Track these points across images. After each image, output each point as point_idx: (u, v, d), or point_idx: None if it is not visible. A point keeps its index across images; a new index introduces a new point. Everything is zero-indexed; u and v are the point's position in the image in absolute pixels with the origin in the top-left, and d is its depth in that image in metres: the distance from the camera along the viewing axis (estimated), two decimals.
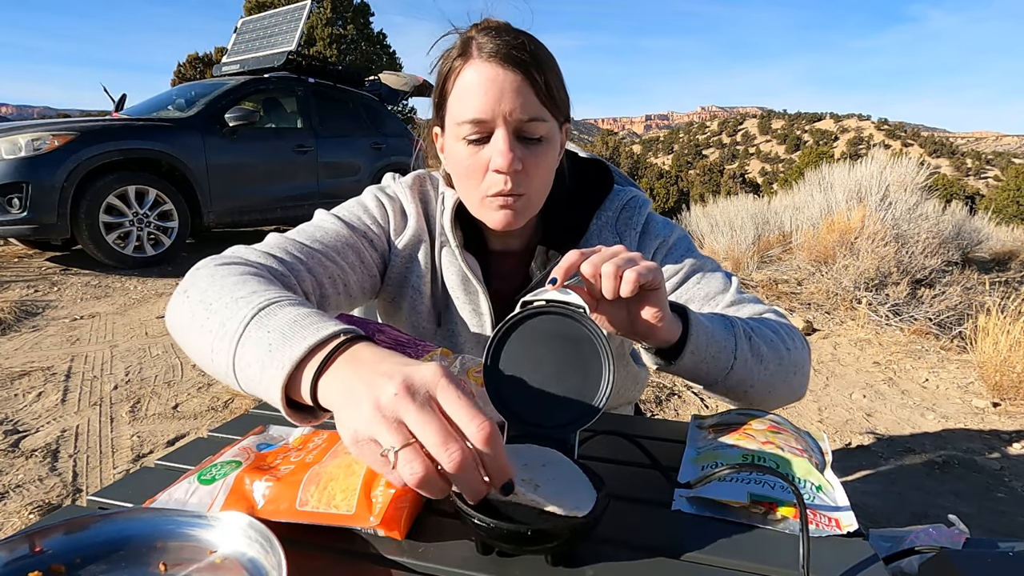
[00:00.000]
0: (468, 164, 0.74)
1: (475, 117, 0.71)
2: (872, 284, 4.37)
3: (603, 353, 0.61)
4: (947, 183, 29.23)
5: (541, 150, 0.74)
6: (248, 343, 0.53)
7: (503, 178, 0.72)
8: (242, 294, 0.58)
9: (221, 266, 0.65)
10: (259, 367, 0.51)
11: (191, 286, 0.63)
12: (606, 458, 0.69)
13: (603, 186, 0.89)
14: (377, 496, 0.50)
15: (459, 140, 0.74)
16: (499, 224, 0.77)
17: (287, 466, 0.56)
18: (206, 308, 0.59)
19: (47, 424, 2.16)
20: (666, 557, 0.50)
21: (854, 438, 2.50)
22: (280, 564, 0.43)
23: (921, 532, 1.06)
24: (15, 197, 3.68)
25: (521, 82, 0.70)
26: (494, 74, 0.70)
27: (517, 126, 0.72)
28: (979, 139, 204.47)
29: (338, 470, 0.53)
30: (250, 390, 0.54)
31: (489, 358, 0.62)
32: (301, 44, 5.61)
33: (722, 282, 0.85)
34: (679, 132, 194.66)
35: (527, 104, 0.71)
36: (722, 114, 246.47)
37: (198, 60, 20.91)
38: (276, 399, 0.50)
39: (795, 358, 0.77)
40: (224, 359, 0.55)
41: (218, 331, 0.56)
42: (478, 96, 0.70)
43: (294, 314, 0.53)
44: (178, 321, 0.63)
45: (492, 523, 0.45)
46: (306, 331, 0.51)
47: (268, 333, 0.52)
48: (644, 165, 27.18)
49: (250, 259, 0.70)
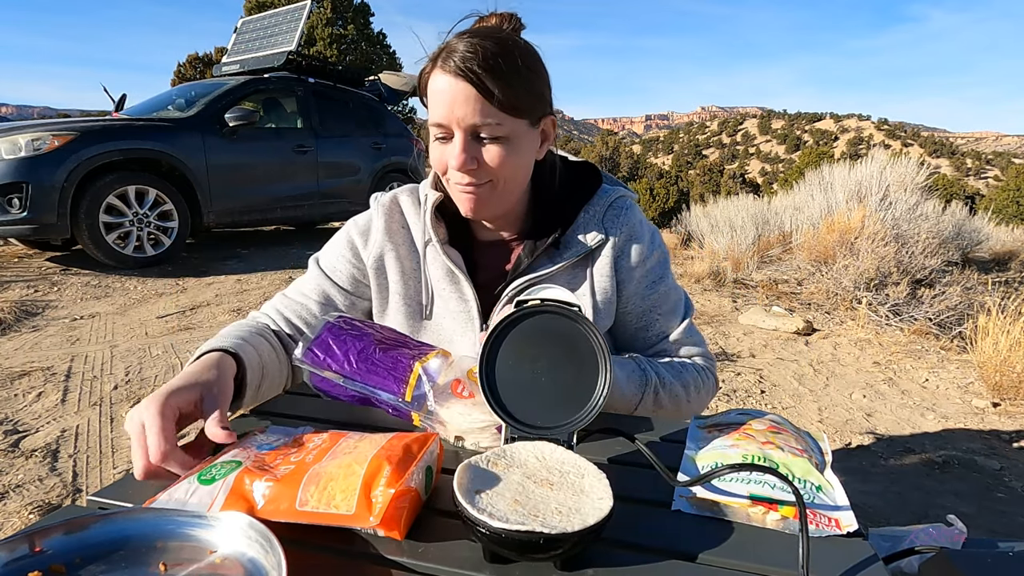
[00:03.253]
0: (436, 158, 0.84)
1: (436, 121, 0.81)
2: (872, 284, 4.37)
3: (599, 352, 0.61)
4: (947, 183, 29.22)
5: (501, 147, 0.81)
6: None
7: (460, 174, 0.82)
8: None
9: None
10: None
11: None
12: (606, 458, 0.69)
13: (592, 184, 0.95)
14: (377, 496, 0.50)
15: (433, 139, 0.84)
16: (466, 211, 0.86)
17: (287, 466, 0.56)
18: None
19: (47, 424, 2.16)
20: (666, 557, 0.50)
21: (854, 438, 2.50)
22: (280, 564, 0.43)
23: (921, 532, 1.06)
24: (15, 197, 3.68)
25: (472, 93, 0.77)
26: (447, 85, 0.78)
27: (472, 129, 0.79)
28: (979, 139, 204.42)
29: (338, 470, 0.53)
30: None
31: (484, 359, 0.62)
32: (301, 44, 5.61)
33: (675, 320, 0.96)
34: (679, 132, 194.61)
35: (481, 111, 0.78)
36: (722, 114, 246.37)
37: (198, 60, 20.90)
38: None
39: (690, 407, 0.92)
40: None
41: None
42: (437, 104, 0.80)
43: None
44: None
45: (502, 530, 0.44)
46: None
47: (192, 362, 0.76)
48: (644, 165, 27.18)
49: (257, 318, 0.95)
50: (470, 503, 0.47)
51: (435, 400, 0.70)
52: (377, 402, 0.76)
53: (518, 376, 0.62)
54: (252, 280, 4.22)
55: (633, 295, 0.93)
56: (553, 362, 0.62)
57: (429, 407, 0.71)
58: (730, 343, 3.62)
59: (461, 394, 0.70)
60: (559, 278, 0.90)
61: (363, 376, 0.75)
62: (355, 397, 0.78)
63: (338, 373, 0.76)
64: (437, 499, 0.58)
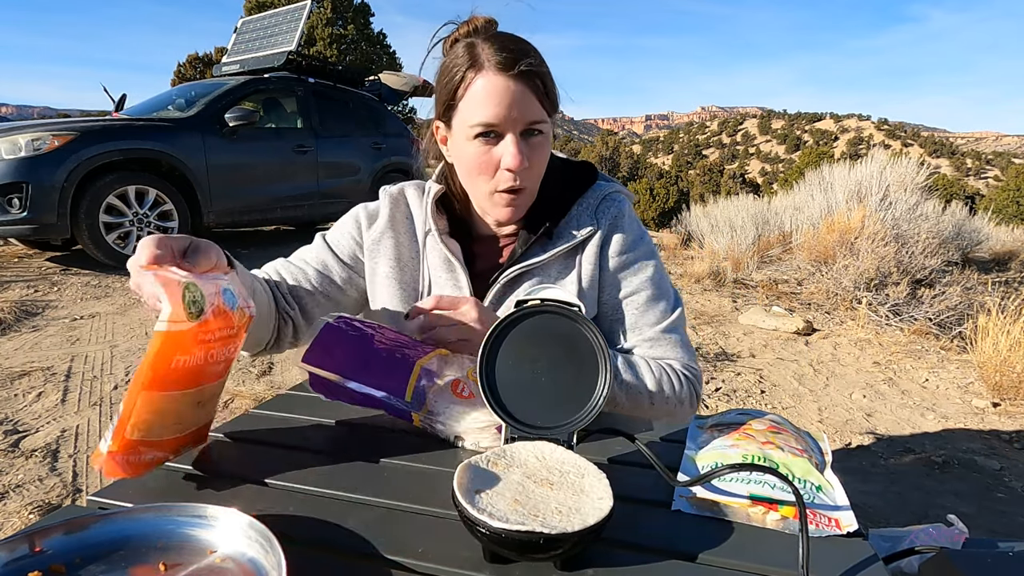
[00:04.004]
0: (480, 161, 0.83)
1: (488, 122, 0.80)
2: (872, 284, 4.37)
3: (599, 352, 0.61)
4: (947, 183, 29.21)
5: (541, 146, 0.84)
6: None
7: (512, 175, 0.82)
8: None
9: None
10: None
11: None
12: (606, 458, 0.69)
13: (588, 180, 0.98)
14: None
15: (471, 140, 0.82)
16: (504, 218, 0.88)
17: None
18: None
19: (47, 424, 2.16)
20: (666, 557, 0.50)
21: (854, 438, 2.50)
22: (280, 564, 0.43)
23: (921, 532, 1.06)
24: (15, 197, 3.68)
25: (527, 91, 0.79)
26: (504, 86, 0.79)
27: (524, 128, 0.81)
28: (979, 139, 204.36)
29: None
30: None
31: (484, 359, 0.62)
32: (301, 44, 5.60)
33: (653, 317, 0.93)
34: (679, 132, 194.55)
35: (532, 109, 0.80)
36: (722, 114, 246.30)
37: (198, 60, 20.90)
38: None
39: (654, 411, 0.88)
40: None
41: None
42: (490, 105, 0.79)
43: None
44: None
45: (502, 530, 0.44)
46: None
47: None
48: (644, 165, 27.17)
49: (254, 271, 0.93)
50: (470, 503, 0.47)
51: (435, 400, 0.70)
52: (377, 402, 0.76)
53: (518, 376, 0.62)
54: None
55: (609, 284, 0.93)
56: (553, 362, 0.62)
57: (429, 407, 0.71)
58: (730, 343, 3.62)
59: (461, 394, 0.70)
60: (551, 267, 0.92)
61: (362, 376, 0.75)
62: (355, 398, 0.78)
63: (337, 374, 0.76)
64: (437, 499, 0.58)
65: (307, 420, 0.78)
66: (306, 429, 0.76)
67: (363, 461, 0.67)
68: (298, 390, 0.89)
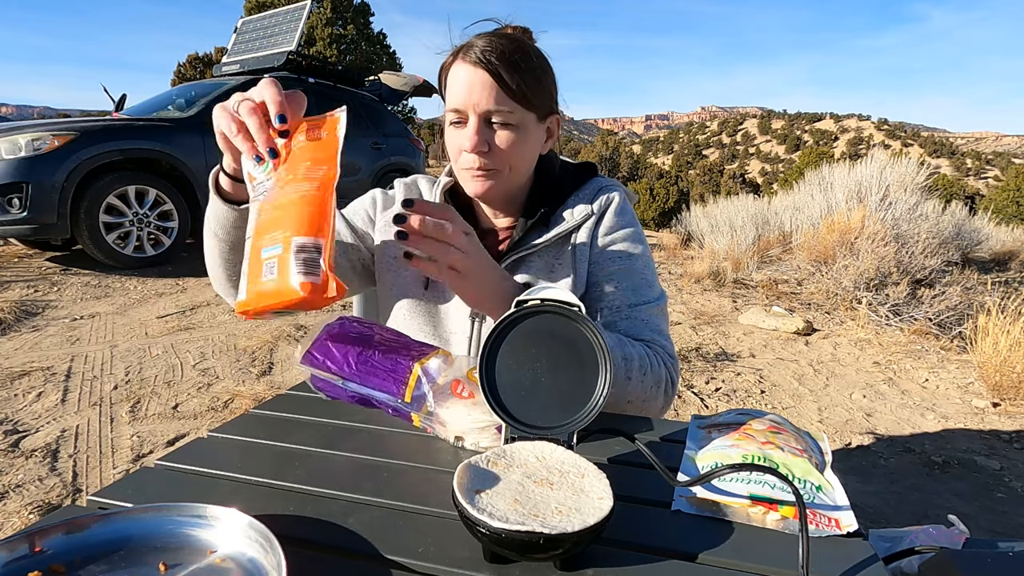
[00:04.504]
0: (451, 142, 0.91)
1: (453, 107, 0.87)
2: (872, 284, 4.37)
3: (600, 352, 0.61)
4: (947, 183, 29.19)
5: (510, 134, 0.88)
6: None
7: (472, 157, 0.88)
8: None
9: None
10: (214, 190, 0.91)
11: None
12: (606, 458, 0.69)
13: (588, 176, 1.03)
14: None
15: (448, 124, 0.90)
16: (473, 192, 0.92)
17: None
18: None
19: (47, 424, 2.16)
20: (666, 557, 0.50)
21: (854, 438, 2.50)
22: (280, 564, 0.43)
23: (921, 532, 1.06)
24: (15, 197, 3.68)
25: (489, 81, 0.85)
26: (468, 73, 0.85)
27: (485, 115, 0.86)
28: (979, 139, 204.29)
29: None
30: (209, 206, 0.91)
31: (484, 359, 0.62)
32: (301, 44, 5.60)
33: (634, 298, 0.93)
34: (679, 132, 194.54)
35: (495, 98, 0.85)
36: (722, 114, 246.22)
37: (198, 60, 20.91)
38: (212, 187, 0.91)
39: (629, 386, 0.84)
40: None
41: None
42: (456, 91, 0.87)
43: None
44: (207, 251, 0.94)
45: (502, 530, 0.44)
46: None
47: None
48: (644, 165, 27.17)
49: None
50: (470, 503, 0.47)
51: (435, 400, 0.71)
52: (377, 403, 0.76)
53: (518, 376, 0.62)
54: None
55: (594, 262, 0.95)
56: (553, 362, 0.62)
57: (429, 407, 0.71)
58: (730, 343, 3.62)
59: (461, 394, 0.70)
60: (547, 252, 0.96)
61: (363, 377, 0.75)
62: (355, 398, 0.78)
63: (338, 375, 0.76)
64: (437, 499, 0.58)
65: (307, 420, 0.78)
66: (306, 429, 0.76)
67: (363, 461, 0.67)
68: (298, 390, 0.89)
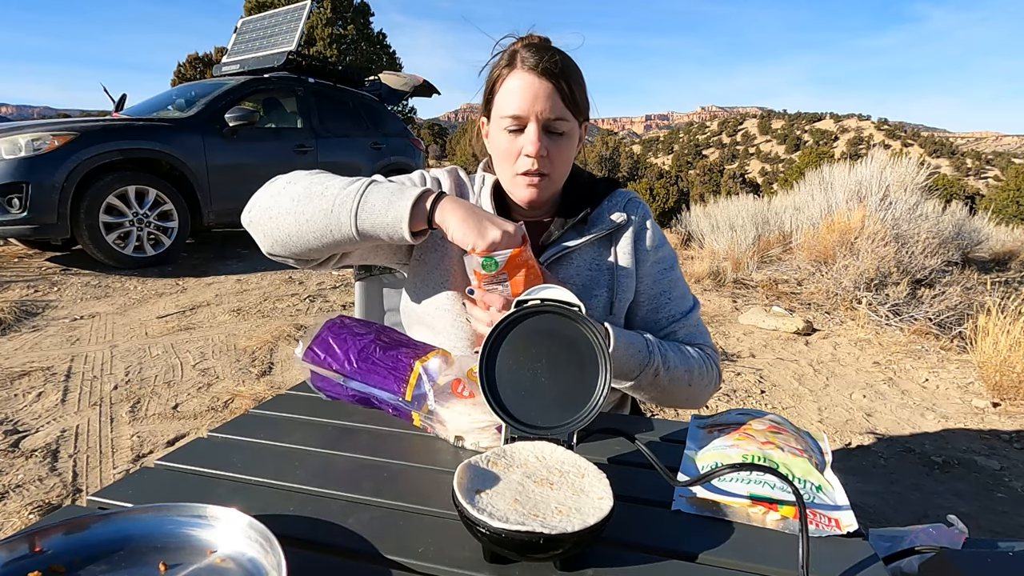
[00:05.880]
0: (506, 148, 0.94)
1: (514, 113, 0.90)
2: (872, 284, 4.37)
3: (600, 352, 0.61)
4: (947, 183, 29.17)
5: (563, 142, 0.93)
6: (372, 195, 0.82)
7: (531, 160, 0.91)
8: (344, 179, 0.87)
9: (307, 172, 0.92)
10: (385, 204, 0.80)
11: (291, 180, 0.90)
12: (606, 458, 0.69)
13: (613, 185, 1.09)
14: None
15: (501, 130, 0.93)
16: (525, 198, 0.96)
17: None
18: (320, 184, 0.86)
19: (47, 424, 2.16)
20: (666, 557, 0.50)
21: (854, 438, 2.50)
22: (280, 564, 0.43)
23: (921, 532, 1.06)
24: (15, 197, 3.68)
25: (551, 90, 0.90)
26: (531, 81, 0.90)
27: (545, 123, 0.91)
28: (979, 139, 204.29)
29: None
30: (368, 222, 0.81)
31: (484, 359, 0.62)
32: (301, 44, 5.60)
33: (683, 308, 1.03)
34: (679, 132, 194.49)
35: (554, 107, 0.90)
36: (722, 114, 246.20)
37: (198, 60, 20.91)
38: (404, 217, 0.79)
39: (691, 392, 0.98)
40: (348, 206, 0.81)
41: (339, 194, 0.83)
42: (517, 98, 0.90)
43: (396, 184, 0.85)
44: (285, 198, 0.87)
45: (502, 530, 0.44)
46: (411, 189, 0.82)
47: (387, 189, 0.82)
48: (644, 165, 27.17)
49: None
50: (470, 503, 0.47)
51: (435, 400, 0.70)
52: (377, 401, 0.76)
53: (518, 376, 0.62)
54: (252, 280, 4.22)
55: (647, 276, 1.02)
56: (553, 362, 0.62)
57: (429, 407, 0.71)
58: (730, 343, 3.62)
59: (461, 394, 0.70)
60: (585, 252, 0.99)
61: (363, 375, 0.75)
62: (355, 396, 0.78)
63: (338, 372, 0.76)
64: (437, 499, 0.58)
65: (307, 420, 0.78)
66: (306, 429, 0.75)
67: (363, 461, 0.67)
68: (298, 390, 0.89)
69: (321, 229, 0.83)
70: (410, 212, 0.79)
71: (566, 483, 0.51)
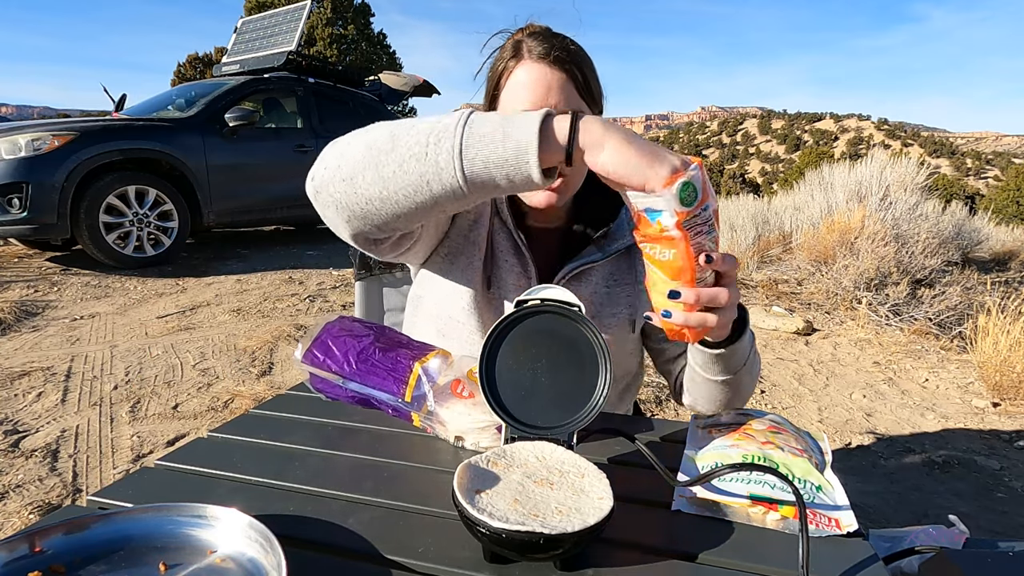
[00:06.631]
0: None
1: (526, 109, 0.77)
2: (872, 284, 4.37)
3: (600, 352, 0.61)
4: (947, 183, 29.17)
5: None
6: (477, 124, 0.60)
7: None
8: (434, 117, 0.65)
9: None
10: (499, 133, 0.59)
11: (364, 130, 0.72)
12: (606, 458, 0.69)
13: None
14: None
15: None
16: (542, 203, 0.86)
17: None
18: (405, 126, 0.66)
19: (47, 424, 2.16)
20: (666, 557, 0.50)
21: (854, 438, 2.50)
22: (280, 564, 0.43)
23: (921, 532, 1.06)
24: (15, 197, 3.68)
25: (565, 79, 0.80)
26: (542, 73, 0.80)
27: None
28: (979, 139, 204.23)
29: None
30: (480, 160, 0.59)
31: (484, 359, 0.62)
32: (301, 44, 5.60)
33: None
34: (679, 132, 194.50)
35: (570, 98, 0.80)
36: (722, 114, 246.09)
37: (198, 60, 20.92)
38: (531, 146, 0.57)
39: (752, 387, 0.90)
40: (448, 142, 0.60)
41: (433, 128, 0.62)
42: (528, 92, 0.80)
43: (503, 113, 0.63)
44: (357, 147, 0.70)
45: (502, 530, 0.44)
46: (527, 113, 0.61)
47: (496, 115, 0.61)
48: None
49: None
50: (470, 503, 0.47)
51: (435, 400, 0.70)
52: (377, 402, 0.76)
53: (518, 376, 0.62)
54: (252, 280, 4.22)
55: None
56: (553, 362, 0.62)
57: (429, 407, 0.71)
58: None
59: (461, 394, 0.70)
60: (605, 267, 0.93)
61: (363, 377, 0.75)
62: (355, 397, 0.78)
63: (338, 374, 0.76)
64: (437, 499, 0.58)
65: (307, 420, 0.78)
66: (306, 429, 0.75)
67: (363, 461, 0.67)
68: (298, 390, 0.89)
69: (414, 181, 0.63)
70: (538, 137, 0.57)
71: (566, 483, 0.51)
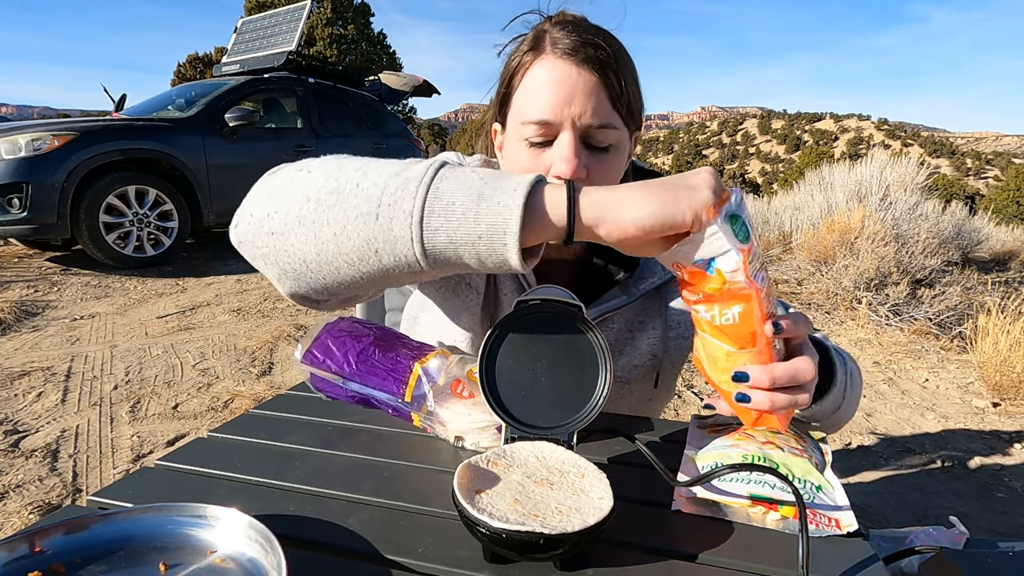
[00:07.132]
0: (529, 167, 0.67)
1: (541, 118, 0.65)
2: (872, 284, 4.37)
3: (600, 352, 0.61)
4: (947, 183, 29.18)
5: (609, 159, 0.67)
6: (446, 185, 0.47)
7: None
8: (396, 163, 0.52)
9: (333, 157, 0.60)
10: (475, 199, 0.45)
11: (302, 167, 0.57)
12: (606, 458, 0.69)
13: None
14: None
15: (520, 141, 0.68)
16: None
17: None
18: (352, 169, 0.53)
19: (47, 424, 2.16)
20: (666, 557, 0.50)
21: (854, 438, 2.50)
22: (280, 564, 0.43)
23: (921, 532, 1.06)
24: (15, 197, 3.68)
25: (596, 84, 0.64)
26: (566, 73, 0.64)
27: (585, 132, 0.65)
28: (979, 139, 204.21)
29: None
30: (444, 236, 0.46)
31: (484, 359, 0.62)
32: (301, 44, 5.60)
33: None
34: (679, 132, 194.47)
35: (599, 108, 0.64)
36: (722, 114, 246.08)
37: (198, 60, 20.93)
38: (513, 219, 0.45)
39: (850, 411, 0.71)
40: (406, 205, 0.47)
41: (388, 184, 0.49)
42: (547, 96, 0.64)
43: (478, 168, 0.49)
44: (294, 196, 0.54)
45: (502, 530, 0.44)
46: (510, 175, 0.48)
47: (472, 174, 0.47)
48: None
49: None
50: (470, 503, 0.47)
51: (435, 400, 0.70)
52: (377, 403, 0.76)
53: (518, 376, 0.62)
54: (252, 280, 4.22)
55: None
56: (553, 362, 0.62)
57: (429, 407, 0.71)
58: None
59: (461, 394, 0.70)
60: (631, 310, 0.80)
61: (362, 377, 0.75)
62: (355, 398, 0.78)
63: (337, 374, 0.76)
64: (437, 499, 0.58)
65: (307, 420, 0.78)
66: (306, 429, 0.75)
67: (363, 461, 0.67)
68: (298, 390, 0.89)
69: (358, 248, 0.50)
70: (521, 213, 0.45)
71: (566, 483, 0.51)
